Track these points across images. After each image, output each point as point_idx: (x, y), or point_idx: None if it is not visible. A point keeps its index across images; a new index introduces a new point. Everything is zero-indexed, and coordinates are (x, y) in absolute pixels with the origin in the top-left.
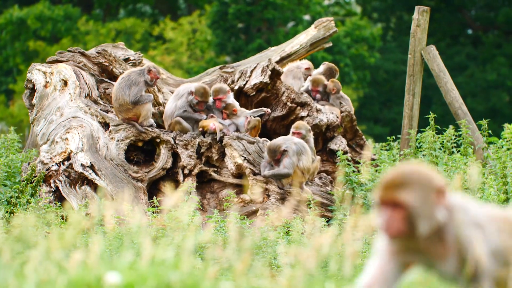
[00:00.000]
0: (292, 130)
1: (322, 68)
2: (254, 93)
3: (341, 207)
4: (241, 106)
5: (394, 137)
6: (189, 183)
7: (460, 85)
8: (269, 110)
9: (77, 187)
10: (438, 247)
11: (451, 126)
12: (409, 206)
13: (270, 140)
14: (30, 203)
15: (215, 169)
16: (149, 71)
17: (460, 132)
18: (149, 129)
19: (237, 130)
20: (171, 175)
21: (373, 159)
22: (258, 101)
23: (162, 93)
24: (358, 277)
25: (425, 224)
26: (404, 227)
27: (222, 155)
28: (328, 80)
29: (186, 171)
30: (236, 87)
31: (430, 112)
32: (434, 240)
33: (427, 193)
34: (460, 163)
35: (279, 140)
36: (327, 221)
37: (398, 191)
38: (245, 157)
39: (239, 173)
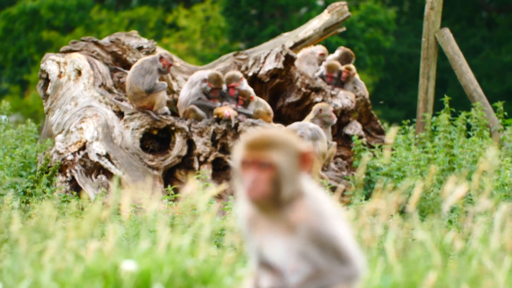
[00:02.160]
0: (315, 111)
1: (337, 53)
2: (268, 79)
3: (357, 192)
4: (255, 93)
5: (409, 120)
6: (205, 171)
7: (475, 68)
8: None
9: (92, 176)
10: (291, 218)
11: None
12: (277, 166)
13: (285, 126)
14: (45, 193)
15: (231, 156)
16: (161, 58)
17: (476, 115)
18: (164, 117)
19: (250, 117)
20: (186, 163)
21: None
22: (272, 88)
23: (176, 81)
24: (375, 261)
25: (289, 188)
26: (269, 189)
27: (238, 140)
28: (343, 65)
29: (201, 159)
30: (250, 74)
31: (445, 95)
32: (287, 211)
33: (293, 156)
34: (476, 146)
35: (294, 126)
36: (344, 206)
37: (266, 151)
38: None
39: None
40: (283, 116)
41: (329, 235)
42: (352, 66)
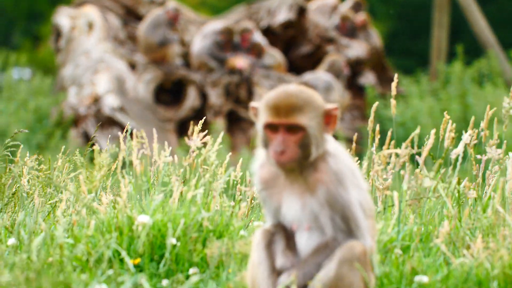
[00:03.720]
0: (328, 63)
1: (349, 3)
2: (280, 30)
3: (370, 142)
4: (267, 44)
5: (422, 70)
6: (218, 123)
7: (489, 16)
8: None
9: (105, 129)
10: (311, 179)
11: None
12: (306, 129)
13: (298, 76)
14: (58, 147)
15: (244, 108)
16: (168, 11)
17: (488, 64)
18: (176, 69)
19: (262, 68)
20: (199, 115)
21: (400, 92)
22: (284, 39)
23: (188, 32)
24: (389, 211)
25: (316, 150)
26: (297, 153)
27: (251, 93)
28: (356, 16)
29: (214, 111)
30: (262, 25)
31: (458, 45)
32: (308, 171)
33: (320, 116)
34: (490, 94)
35: (307, 77)
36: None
37: (294, 114)
38: None
39: None
40: (296, 67)
41: (344, 202)
42: (364, 15)
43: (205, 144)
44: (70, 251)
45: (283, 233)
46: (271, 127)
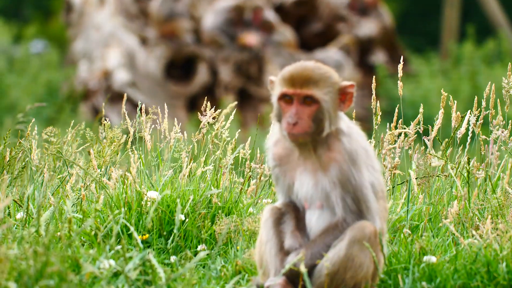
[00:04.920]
0: (339, 42)
1: None
2: (292, 8)
3: (380, 120)
4: (279, 21)
5: (433, 49)
6: (229, 99)
7: None
8: None
9: (116, 104)
10: (324, 157)
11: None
12: (320, 101)
13: (309, 54)
14: (68, 121)
15: (255, 85)
16: None
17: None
18: (187, 45)
19: (273, 45)
20: (210, 92)
21: (410, 72)
22: (296, 16)
23: (199, 8)
24: (397, 190)
25: (329, 125)
26: (311, 126)
27: (262, 70)
28: None
29: (225, 88)
30: (274, 2)
31: (468, 25)
32: (322, 149)
33: (335, 92)
34: (500, 75)
35: (317, 55)
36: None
37: (309, 86)
38: None
39: None
40: (307, 44)
41: (357, 182)
42: None
43: (214, 120)
44: (79, 225)
45: (293, 213)
46: (285, 98)
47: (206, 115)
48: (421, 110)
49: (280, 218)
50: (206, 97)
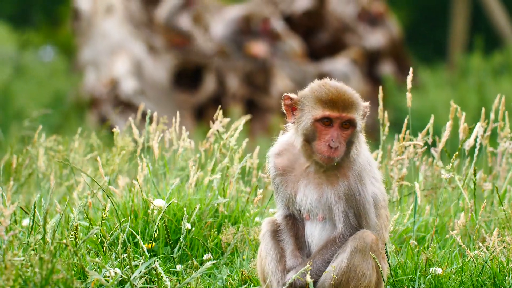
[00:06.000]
0: (346, 54)
1: None
2: (301, 19)
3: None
4: (287, 31)
5: (440, 59)
6: (236, 109)
7: (508, 6)
8: None
9: (123, 112)
10: (332, 171)
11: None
12: (356, 124)
13: (316, 64)
14: (74, 129)
15: (262, 95)
16: None
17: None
18: (195, 54)
19: (281, 56)
20: (217, 102)
21: (417, 83)
22: (304, 26)
23: (207, 17)
24: (404, 201)
25: (356, 149)
26: (344, 150)
27: (269, 80)
28: (375, 5)
29: (232, 97)
30: (282, 10)
31: (476, 36)
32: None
33: (362, 114)
34: (508, 87)
35: (324, 67)
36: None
37: (349, 109)
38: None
39: None
40: (315, 55)
41: (361, 197)
42: (383, 5)
43: (224, 129)
44: (85, 233)
45: (293, 229)
46: (324, 121)
47: (217, 123)
48: (431, 121)
49: (278, 231)
50: (219, 106)
